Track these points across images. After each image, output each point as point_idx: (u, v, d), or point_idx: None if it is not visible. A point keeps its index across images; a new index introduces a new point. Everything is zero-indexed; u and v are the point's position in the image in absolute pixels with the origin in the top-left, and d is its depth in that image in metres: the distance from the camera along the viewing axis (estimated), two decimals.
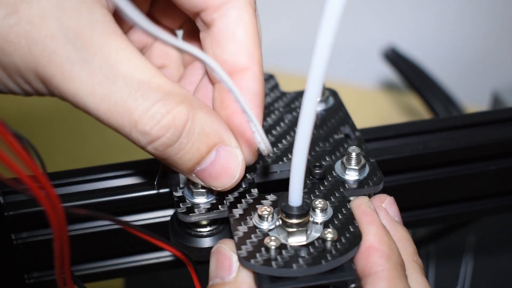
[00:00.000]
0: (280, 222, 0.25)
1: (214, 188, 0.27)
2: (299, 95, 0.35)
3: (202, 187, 0.28)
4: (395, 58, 0.65)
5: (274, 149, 0.30)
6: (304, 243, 0.25)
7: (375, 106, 0.72)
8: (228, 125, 0.27)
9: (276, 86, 0.35)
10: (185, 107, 0.24)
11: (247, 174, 0.28)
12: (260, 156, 0.29)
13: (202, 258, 0.28)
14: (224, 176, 0.26)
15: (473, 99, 0.71)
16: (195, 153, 0.25)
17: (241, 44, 0.27)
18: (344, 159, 0.29)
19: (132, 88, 0.23)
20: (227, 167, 0.26)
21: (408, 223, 0.35)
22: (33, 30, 0.23)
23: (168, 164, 0.26)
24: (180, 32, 0.33)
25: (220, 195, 0.28)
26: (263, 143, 0.26)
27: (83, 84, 0.23)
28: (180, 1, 0.27)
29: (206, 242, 0.28)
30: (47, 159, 0.35)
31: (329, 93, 0.34)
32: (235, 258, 0.25)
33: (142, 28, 0.21)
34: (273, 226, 0.26)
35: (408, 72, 0.64)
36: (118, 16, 0.24)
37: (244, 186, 0.28)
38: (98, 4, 0.24)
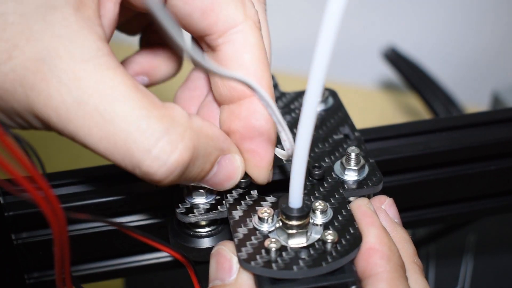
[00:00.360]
0: (280, 224, 0.25)
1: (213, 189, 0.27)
2: (298, 95, 0.35)
3: (202, 188, 0.28)
4: (395, 58, 0.65)
5: None
6: (305, 245, 0.25)
7: (375, 106, 0.72)
8: (238, 147, 0.26)
9: (275, 86, 0.35)
10: (189, 139, 0.23)
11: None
12: None
13: (202, 259, 0.28)
14: (226, 182, 0.26)
15: (473, 99, 0.71)
16: (200, 173, 0.25)
17: (249, 70, 0.26)
18: (344, 159, 0.29)
19: (131, 127, 0.22)
20: (229, 174, 0.26)
21: (408, 223, 0.35)
22: (29, 76, 0.22)
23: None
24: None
25: (219, 195, 0.28)
26: (288, 141, 0.25)
27: (80, 126, 0.22)
28: (183, 25, 0.27)
29: (205, 243, 0.28)
30: (48, 160, 0.35)
31: (328, 94, 0.34)
32: (235, 260, 0.25)
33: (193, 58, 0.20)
34: (273, 228, 0.26)
35: (408, 72, 0.64)
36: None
37: (243, 187, 0.28)
38: (93, 37, 0.23)
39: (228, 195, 0.28)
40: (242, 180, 0.28)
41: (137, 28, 0.34)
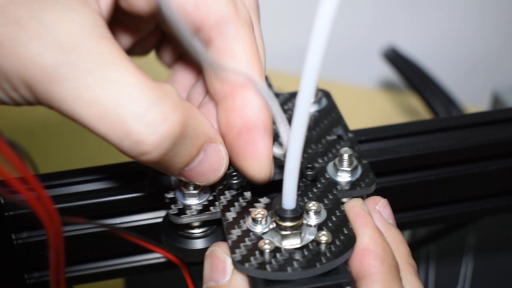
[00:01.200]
0: (274, 225, 0.25)
1: (197, 183, 0.26)
2: (292, 96, 0.35)
3: (194, 188, 0.28)
4: (395, 58, 0.65)
5: None
6: (299, 246, 0.25)
7: (375, 106, 0.72)
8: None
9: (269, 87, 0.35)
10: (181, 112, 0.23)
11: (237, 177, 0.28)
12: None
13: (195, 260, 0.28)
14: (210, 173, 0.26)
15: (473, 99, 0.71)
16: (186, 156, 0.25)
17: (241, 60, 0.26)
18: (336, 160, 0.29)
19: (124, 92, 0.22)
20: (214, 164, 0.26)
21: (408, 223, 0.35)
22: (20, 31, 0.22)
23: (156, 167, 0.25)
24: None
25: (212, 196, 0.28)
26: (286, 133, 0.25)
27: (70, 88, 0.22)
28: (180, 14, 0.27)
29: (199, 244, 0.28)
30: (46, 160, 0.35)
31: (322, 94, 0.34)
32: (229, 261, 0.25)
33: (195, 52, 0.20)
34: (267, 229, 0.26)
35: (408, 72, 0.64)
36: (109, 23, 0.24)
37: (236, 188, 0.28)
38: (89, 9, 0.23)
39: (221, 197, 0.28)
40: (234, 181, 0.28)
41: (146, 49, 0.34)
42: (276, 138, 0.27)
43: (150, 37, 0.33)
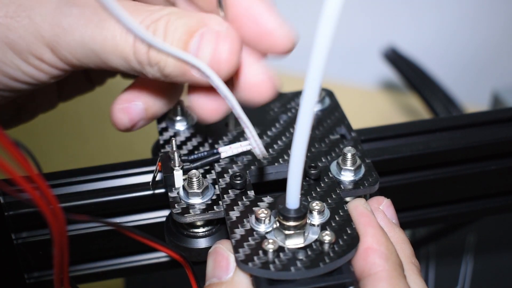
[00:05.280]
0: (278, 224, 0.25)
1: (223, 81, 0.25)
2: (295, 95, 0.35)
3: (197, 188, 0.27)
4: (395, 58, 0.65)
5: (270, 150, 0.30)
6: (302, 245, 0.25)
7: (375, 106, 0.72)
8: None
9: None
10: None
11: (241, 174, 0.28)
12: (255, 157, 0.29)
13: (198, 259, 0.28)
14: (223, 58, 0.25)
15: (473, 99, 0.71)
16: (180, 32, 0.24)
17: None
18: (340, 159, 0.29)
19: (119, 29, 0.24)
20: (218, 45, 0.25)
21: (408, 223, 0.35)
22: (26, 1, 0.25)
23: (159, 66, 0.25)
24: None
25: (216, 195, 0.28)
26: (258, 148, 0.26)
27: (85, 32, 0.24)
28: None
29: (202, 243, 0.28)
30: (47, 160, 0.35)
31: (325, 94, 0.34)
32: (232, 258, 0.25)
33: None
34: (270, 229, 0.26)
35: (408, 72, 0.64)
36: None
37: (239, 188, 0.28)
38: None
39: (224, 196, 0.28)
40: (237, 181, 0.28)
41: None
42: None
43: None
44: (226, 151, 0.30)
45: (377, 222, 0.26)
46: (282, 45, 0.26)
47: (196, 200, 0.28)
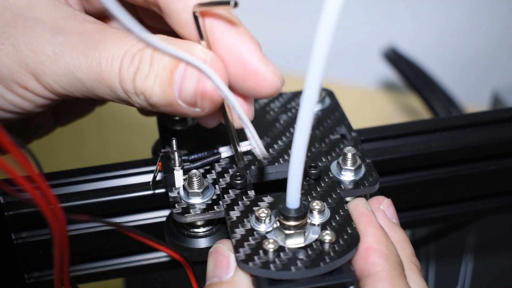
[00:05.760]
0: (278, 224, 0.25)
1: (204, 109, 0.25)
2: (295, 95, 0.35)
3: (198, 187, 0.27)
4: (395, 58, 0.65)
5: (270, 150, 0.30)
6: (302, 245, 0.25)
7: (375, 106, 0.72)
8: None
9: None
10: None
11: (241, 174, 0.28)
12: (255, 157, 0.29)
13: (199, 259, 0.28)
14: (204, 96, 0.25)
15: (473, 99, 0.71)
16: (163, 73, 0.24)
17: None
18: (340, 159, 0.29)
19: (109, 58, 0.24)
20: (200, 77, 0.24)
21: (408, 223, 0.35)
22: (10, 30, 0.25)
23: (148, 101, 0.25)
24: None
25: (216, 195, 0.28)
26: (258, 149, 0.26)
27: (70, 60, 0.24)
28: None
29: (202, 243, 0.28)
30: (47, 159, 0.35)
31: (325, 94, 0.34)
32: (232, 257, 0.25)
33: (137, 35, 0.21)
34: (270, 228, 0.26)
35: (408, 72, 0.64)
36: None
37: (239, 188, 0.28)
38: (59, 2, 0.26)
39: (225, 195, 0.28)
40: (238, 181, 0.28)
41: None
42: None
43: None
44: (227, 151, 0.30)
45: (377, 222, 0.26)
46: (268, 86, 0.25)
47: (196, 200, 0.28)
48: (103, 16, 0.30)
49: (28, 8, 0.25)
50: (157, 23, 0.31)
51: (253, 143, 0.26)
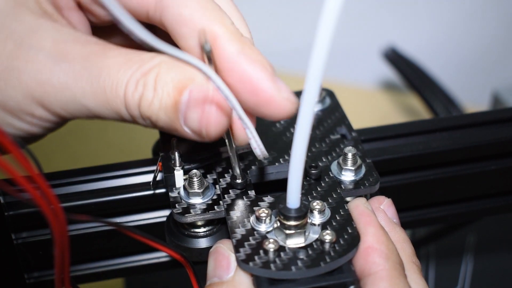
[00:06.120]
0: (278, 224, 0.25)
1: (208, 136, 0.25)
2: (295, 95, 0.35)
3: (198, 187, 0.28)
4: (395, 58, 0.66)
5: (270, 150, 0.30)
6: (303, 245, 0.25)
7: (375, 106, 0.72)
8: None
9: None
10: None
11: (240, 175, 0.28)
12: (256, 157, 0.29)
13: (200, 259, 0.28)
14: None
15: (473, 99, 0.71)
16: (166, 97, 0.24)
17: (193, 22, 0.25)
18: (340, 159, 0.29)
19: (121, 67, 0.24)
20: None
21: (408, 223, 0.35)
22: (13, 61, 0.24)
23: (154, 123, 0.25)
24: None
25: (216, 195, 0.28)
26: (259, 149, 0.26)
27: (75, 88, 0.24)
28: (134, 12, 0.27)
29: (203, 243, 0.28)
30: (47, 159, 0.35)
31: (326, 94, 0.34)
32: (233, 257, 0.25)
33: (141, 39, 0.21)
34: (271, 228, 0.26)
35: (408, 72, 0.65)
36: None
37: (240, 188, 0.28)
38: (60, 24, 0.26)
39: (225, 195, 0.28)
40: (238, 182, 0.28)
41: None
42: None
43: None
44: (227, 151, 0.30)
45: (377, 222, 0.26)
46: (282, 112, 0.25)
47: (196, 200, 0.28)
48: (110, 25, 0.29)
49: (28, 34, 0.25)
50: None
51: (253, 144, 0.26)
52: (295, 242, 0.25)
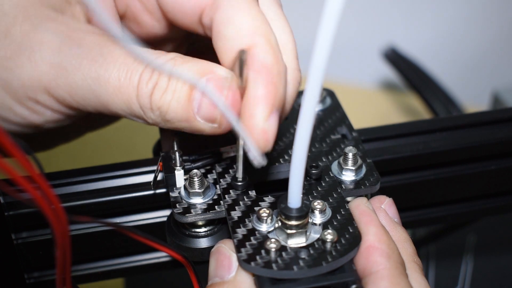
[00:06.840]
0: (280, 224, 0.25)
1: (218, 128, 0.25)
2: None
3: (199, 187, 0.28)
4: (395, 58, 0.66)
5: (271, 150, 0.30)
6: (304, 244, 0.25)
7: (375, 106, 0.72)
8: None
9: None
10: None
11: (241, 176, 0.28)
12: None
13: (201, 259, 0.28)
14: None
15: (473, 99, 0.71)
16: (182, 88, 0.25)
17: (241, 25, 0.26)
18: (341, 159, 0.29)
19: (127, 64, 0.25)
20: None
21: (408, 223, 0.35)
22: (27, 40, 0.25)
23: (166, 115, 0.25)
24: None
25: (217, 195, 0.28)
26: (256, 161, 0.26)
27: (88, 72, 0.25)
28: (180, 16, 0.28)
29: (204, 243, 0.28)
30: (48, 160, 0.35)
31: (326, 94, 0.34)
32: (234, 257, 0.25)
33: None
34: (272, 228, 0.26)
35: (408, 72, 0.65)
36: None
37: (241, 189, 0.28)
38: (69, 14, 0.27)
39: (226, 195, 0.28)
40: (239, 183, 0.28)
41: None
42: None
43: None
44: (227, 151, 0.30)
45: (378, 221, 0.26)
46: (258, 142, 0.25)
47: (197, 200, 0.28)
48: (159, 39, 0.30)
49: (47, 19, 0.25)
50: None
51: (251, 156, 0.26)
52: (297, 241, 0.25)
